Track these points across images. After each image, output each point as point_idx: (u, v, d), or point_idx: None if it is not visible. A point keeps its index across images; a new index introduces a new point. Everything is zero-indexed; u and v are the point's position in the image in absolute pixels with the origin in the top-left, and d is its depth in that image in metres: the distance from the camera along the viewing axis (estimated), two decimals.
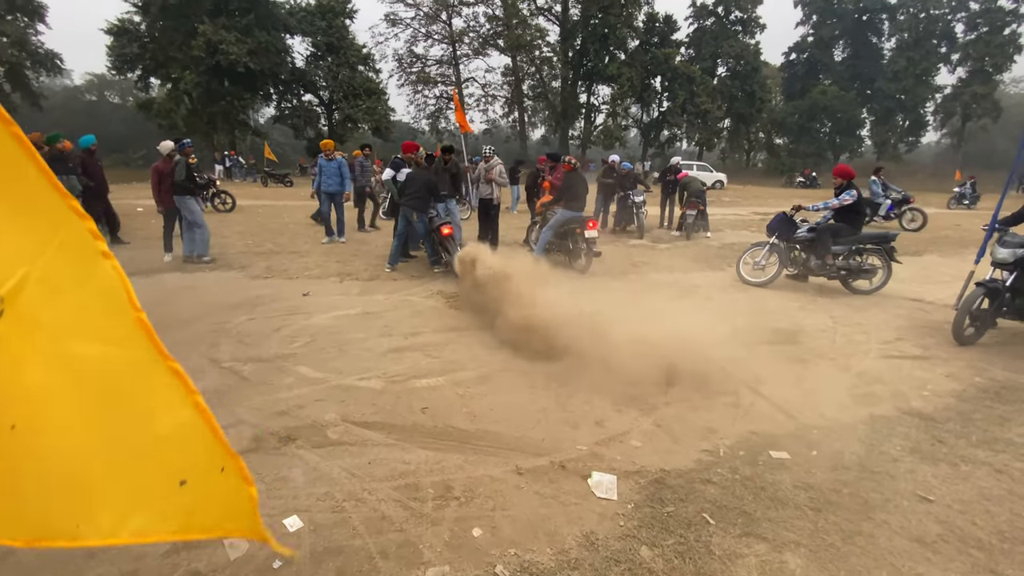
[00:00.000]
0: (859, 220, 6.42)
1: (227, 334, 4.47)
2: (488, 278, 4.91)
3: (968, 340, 4.65)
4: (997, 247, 4.66)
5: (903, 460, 2.70)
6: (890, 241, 6.27)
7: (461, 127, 9.90)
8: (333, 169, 8.64)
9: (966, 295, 4.77)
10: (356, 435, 2.85)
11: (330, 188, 8.67)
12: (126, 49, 29.76)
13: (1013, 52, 37.72)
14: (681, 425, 3.04)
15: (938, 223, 15.12)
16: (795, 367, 4.01)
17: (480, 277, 5.01)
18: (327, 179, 8.63)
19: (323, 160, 8.67)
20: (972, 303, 4.56)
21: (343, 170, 8.71)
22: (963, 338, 4.63)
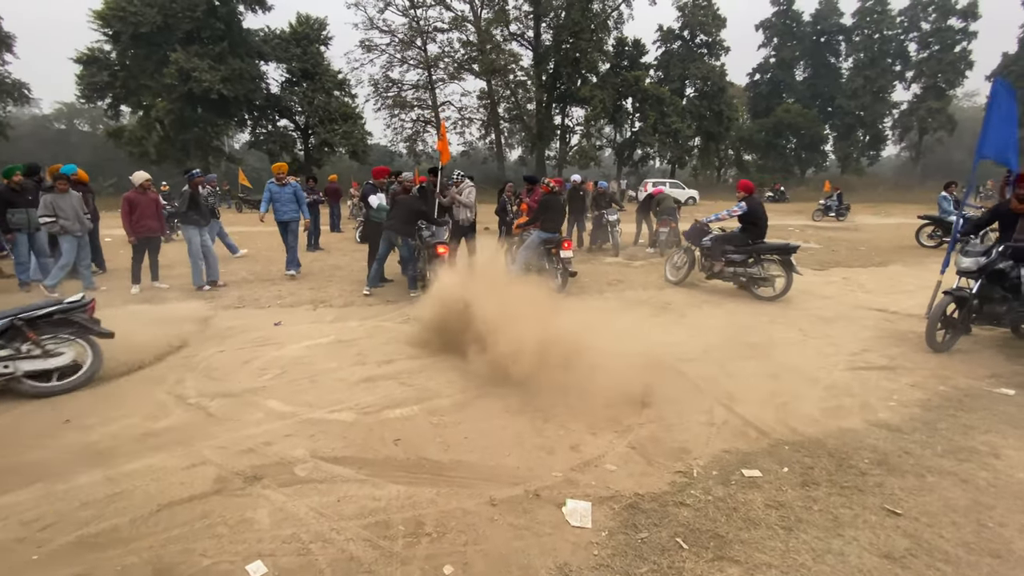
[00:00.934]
0: (756, 230, 6.95)
1: (194, 368, 4.34)
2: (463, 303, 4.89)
3: (943, 347, 4.83)
4: (960, 257, 4.87)
5: (871, 473, 2.74)
6: (791, 252, 6.69)
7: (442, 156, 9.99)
8: (287, 195, 8.07)
9: (935, 304, 4.94)
10: (325, 472, 2.77)
11: (284, 216, 8.08)
12: (96, 78, 29.32)
13: (964, 68, 39.86)
14: (655, 446, 3.04)
15: (901, 232, 15.68)
16: (767, 382, 4.06)
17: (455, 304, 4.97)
18: (280, 206, 8.04)
19: (274, 185, 8.06)
20: (941, 311, 4.75)
21: (298, 195, 8.16)
22: (937, 345, 4.81)
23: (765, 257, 6.91)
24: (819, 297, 7.09)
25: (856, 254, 11.12)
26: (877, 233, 15.71)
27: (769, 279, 6.85)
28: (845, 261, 10.15)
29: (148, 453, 2.97)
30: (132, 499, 2.54)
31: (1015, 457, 2.95)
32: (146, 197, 6.99)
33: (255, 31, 32.30)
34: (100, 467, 2.84)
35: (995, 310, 4.77)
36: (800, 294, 7.19)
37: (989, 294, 4.75)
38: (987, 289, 4.73)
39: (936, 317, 4.76)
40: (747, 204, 6.95)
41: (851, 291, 7.57)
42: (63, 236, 6.98)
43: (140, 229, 6.94)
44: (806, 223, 18.88)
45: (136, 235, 6.95)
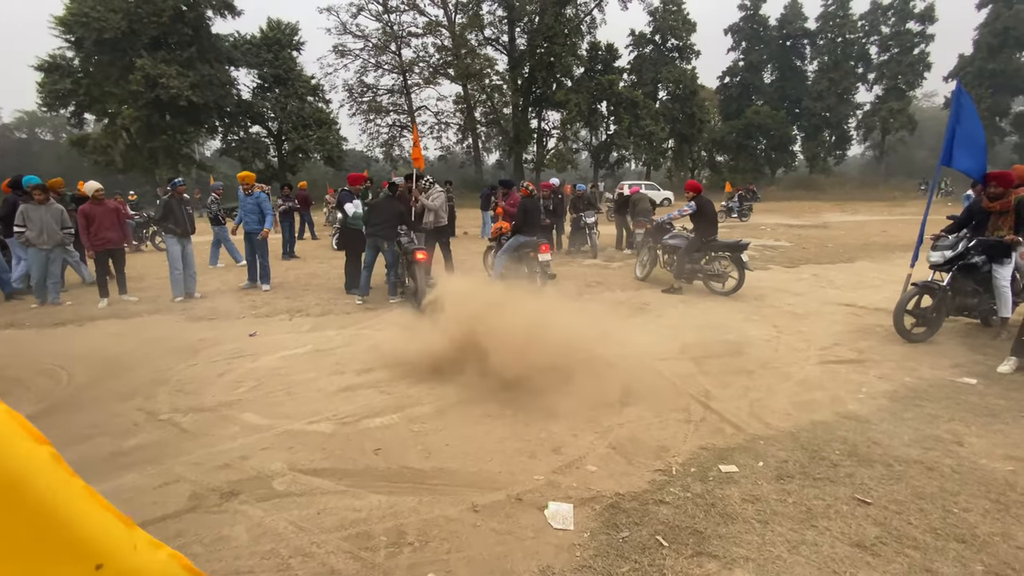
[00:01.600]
0: (706, 226, 7.30)
1: (166, 383, 4.23)
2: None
3: (918, 338, 5.05)
4: (931, 252, 5.16)
5: (842, 464, 2.82)
6: (742, 250, 7.07)
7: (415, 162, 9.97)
8: (251, 205, 7.72)
9: (901, 295, 5.17)
10: (304, 484, 2.73)
11: (248, 227, 7.75)
12: (58, 85, 28.39)
13: (923, 70, 41.42)
14: (635, 446, 3.08)
15: (867, 230, 16.21)
16: (742, 379, 4.15)
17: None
18: (246, 215, 7.73)
19: (241, 194, 7.79)
20: (906, 302, 4.98)
21: (263, 206, 7.78)
22: (910, 336, 5.03)
23: (718, 255, 7.32)
24: (791, 294, 7.28)
25: (825, 251, 11.45)
26: (845, 231, 16.20)
27: (723, 275, 7.25)
28: (815, 258, 10.44)
29: (117, 473, 2.88)
30: None
31: (977, 444, 3.07)
32: (102, 208, 6.73)
33: (225, 36, 31.73)
34: None
35: (967, 302, 5.09)
36: (773, 291, 7.37)
37: (962, 287, 5.04)
38: (959, 282, 5.02)
39: (902, 308, 4.99)
40: (696, 203, 7.30)
41: (821, 287, 7.79)
42: (30, 249, 6.76)
43: (99, 241, 6.69)
44: (777, 221, 19.36)
45: (95, 248, 6.69)
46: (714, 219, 7.46)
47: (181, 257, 7.04)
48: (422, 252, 6.69)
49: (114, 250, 6.96)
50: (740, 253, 7.06)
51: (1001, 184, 4.85)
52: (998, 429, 3.25)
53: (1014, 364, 4.22)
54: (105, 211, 6.76)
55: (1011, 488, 2.61)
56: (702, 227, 7.30)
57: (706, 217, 7.33)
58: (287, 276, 8.99)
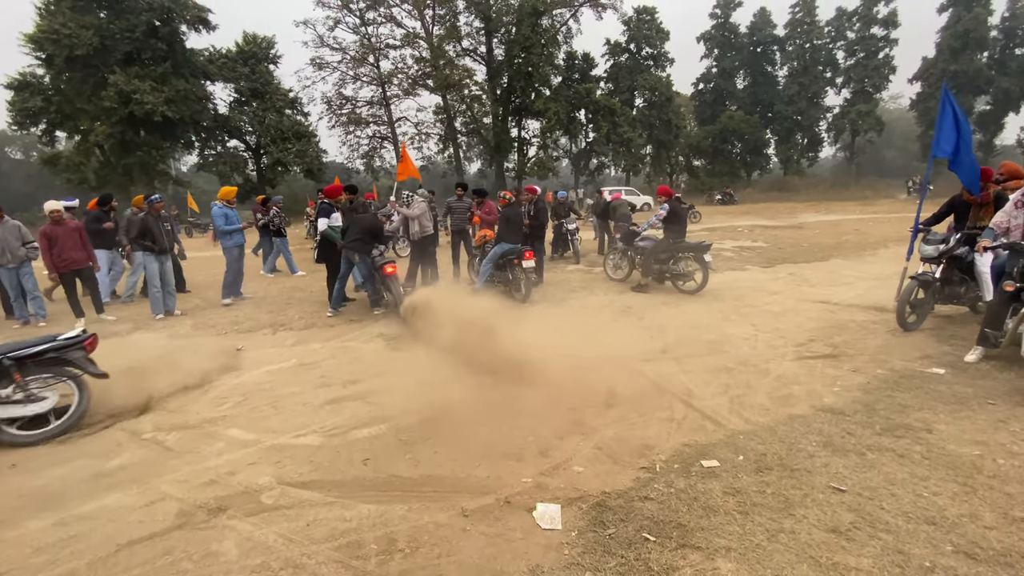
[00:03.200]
0: (677, 230, 7.64)
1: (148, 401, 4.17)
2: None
3: (912, 327, 5.32)
4: (923, 245, 5.42)
5: (818, 455, 2.93)
6: (704, 250, 7.43)
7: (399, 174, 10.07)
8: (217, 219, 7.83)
9: (904, 288, 5.44)
10: (293, 497, 2.73)
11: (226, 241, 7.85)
12: (28, 103, 27.78)
13: (888, 72, 42.82)
14: (620, 445, 3.14)
15: (840, 229, 16.66)
16: (722, 376, 4.26)
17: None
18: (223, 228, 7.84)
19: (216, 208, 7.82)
20: (909, 295, 5.24)
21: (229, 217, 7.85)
22: (907, 325, 5.29)
23: (683, 256, 7.68)
24: (768, 293, 7.46)
25: (800, 251, 11.75)
26: (820, 230, 16.63)
27: (689, 274, 7.65)
28: (791, 258, 10.71)
29: (102, 493, 2.85)
30: (88, 541, 2.43)
31: (946, 431, 3.20)
32: (64, 228, 6.55)
33: (199, 51, 31.45)
34: (51, 511, 2.71)
35: (955, 291, 5.41)
36: (751, 291, 7.55)
37: (949, 276, 5.34)
38: (947, 272, 5.31)
39: (905, 300, 5.25)
40: (669, 206, 7.61)
41: (797, 286, 8.00)
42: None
43: (63, 263, 6.51)
44: (754, 223, 19.79)
45: (59, 269, 6.51)
46: (683, 222, 7.80)
47: (160, 274, 6.95)
48: (391, 265, 6.74)
49: (80, 270, 6.77)
50: (703, 254, 7.43)
51: (981, 179, 5.26)
52: (965, 416, 3.39)
53: (980, 353, 4.40)
54: (66, 231, 6.56)
55: (978, 471, 2.73)
56: (672, 229, 7.63)
57: (677, 220, 7.67)
58: (269, 290, 8.92)
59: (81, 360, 3.81)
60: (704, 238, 8.17)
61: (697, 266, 7.58)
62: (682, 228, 7.75)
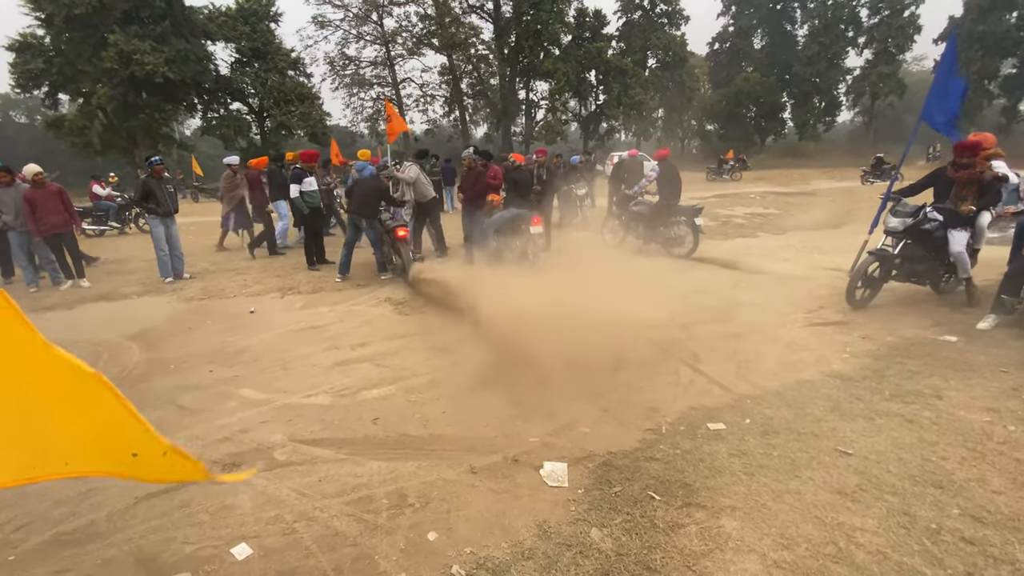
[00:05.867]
0: (670, 192, 7.64)
1: (160, 363, 4.24)
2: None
3: (860, 303, 5.01)
4: (890, 216, 4.98)
5: (826, 419, 2.93)
6: (696, 214, 7.49)
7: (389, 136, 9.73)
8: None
9: (858, 263, 5.09)
10: (305, 454, 2.79)
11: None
12: (30, 65, 27.28)
13: (913, 32, 40.98)
14: (626, 408, 3.16)
15: (854, 196, 16.30)
16: (730, 342, 4.24)
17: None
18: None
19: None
20: (864, 270, 4.92)
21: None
22: (856, 303, 4.97)
23: (677, 219, 7.70)
24: (779, 260, 7.35)
25: (812, 218, 11.52)
26: (833, 197, 16.27)
27: (680, 238, 7.70)
28: (803, 225, 10.53)
29: None
30: (107, 495, 2.51)
31: (956, 397, 3.18)
32: (45, 191, 6.50)
33: (199, 9, 30.55)
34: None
35: (915, 268, 4.98)
36: (761, 258, 7.44)
37: (912, 253, 4.90)
38: (910, 248, 4.87)
39: (857, 276, 4.90)
40: (660, 167, 7.66)
41: (808, 253, 7.88)
42: (9, 233, 6.65)
43: (45, 227, 6.50)
44: (766, 190, 19.40)
45: (42, 233, 6.51)
46: (677, 185, 7.73)
47: (165, 238, 6.95)
48: (403, 229, 6.68)
49: (62, 233, 6.75)
50: (694, 217, 7.45)
51: (969, 154, 4.68)
52: (976, 383, 3.36)
53: (993, 321, 4.33)
54: (47, 195, 6.51)
55: (988, 437, 2.72)
56: (665, 191, 7.62)
57: (669, 182, 7.65)
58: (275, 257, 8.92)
59: None
60: (715, 204, 8.05)
61: (688, 230, 7.59)
62: (675, 192, 7.70)
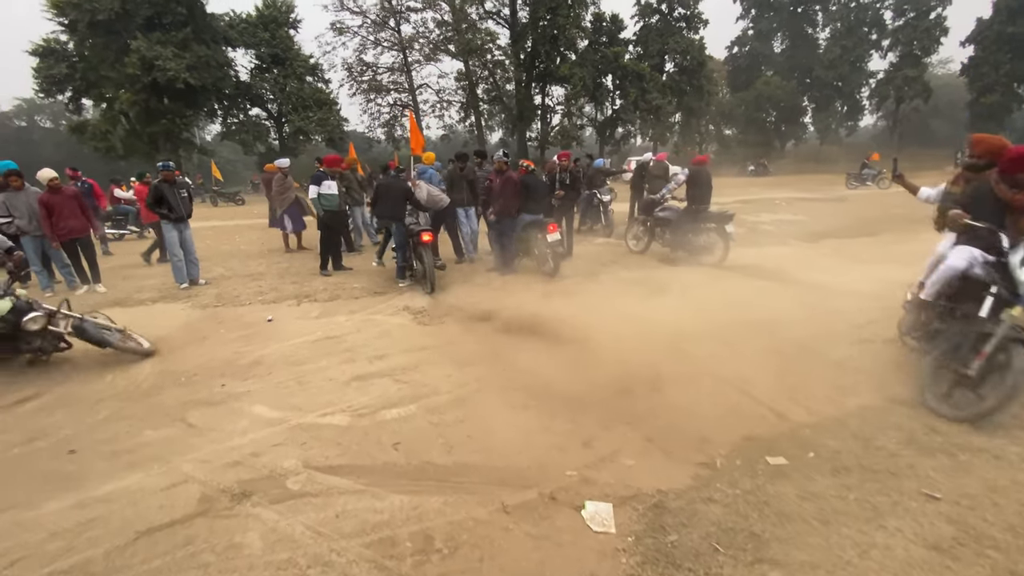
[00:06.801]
0: (698, 197, 7.32)
1: (172, 375, 4.05)
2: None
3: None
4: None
5: (901, 455, 2.61)
6: (727, 221, 7.16)
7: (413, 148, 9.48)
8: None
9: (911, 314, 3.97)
10: (320, 483, 2.55)
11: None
12: (54, 70, 27.88)
13: (939, 35, 39.96)
14: (672, 436, 2.87)
15: (885, 202, 15.77)
16: (776, 360, 3.91)
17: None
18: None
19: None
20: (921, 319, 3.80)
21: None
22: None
23: (706, 226, 7.36)
24: (816, 270, 6.97)
25: (845, 225, 11.07)
26: (863, 203, 15.76)
27: (709, 247, 7.36)
28: (836, 232, 10.09)
29: (122, 473, 2.71)
30: (107, 526, 2.29)
31: None
32: (61, 196, 6.39)
33: (220, 16, 30.95)
34: (70, 491, 2.58)
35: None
36: (797, 267, 7.07)
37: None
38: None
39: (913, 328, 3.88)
40: (689, 171, 7.45)
41: (846, 262, 7.48)
42: (23, 237, 6.56)
43: (62, 231, 6.40)
44: (791, 195, 18.89)
45: (60, 238, 6.41)
46: (706, 190, 7.42)
47: (180, 243, 6.81)
48: (428, 233, 6.44)
49: (79, 239, 6.64)
50: (725, 224, 7.14)
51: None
52: None
53: None
54: (64, 199, 6.41)
55: None
56: (694, 195, 7.34)
57: (698, 186, 7.36)
58: (292, 262, 8.78)
59: None
60: (739, 210, 7.72)
61: (718, 238, 7.27)
62: (705, 196, 7.38)
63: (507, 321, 5.17)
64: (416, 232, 6.45)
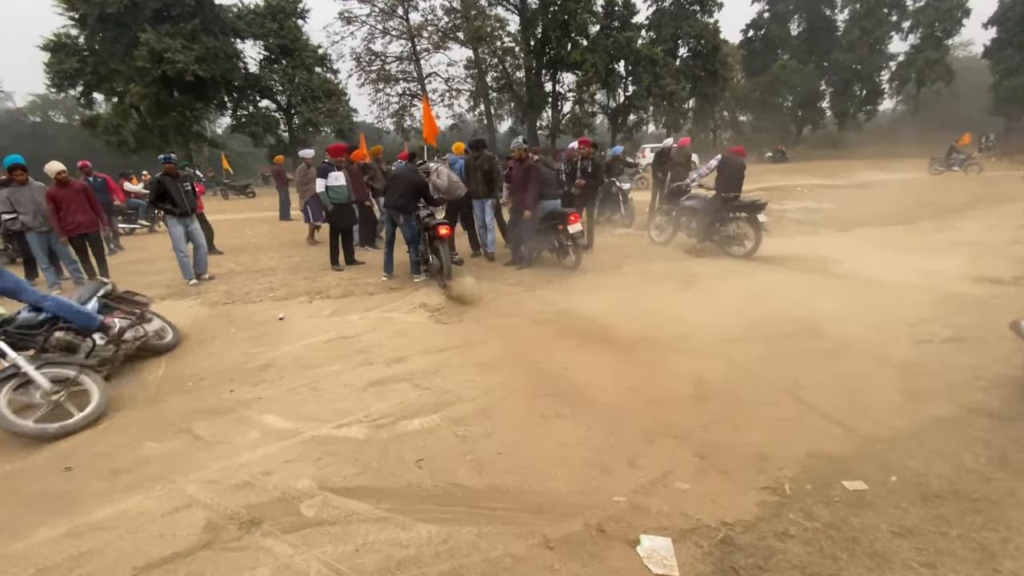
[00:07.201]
0: (728, 185, 6.97)
1: (178, 380, 3.81)
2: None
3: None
4: None
5: (996, 478, 2.28)
6: (758, 210, 6.80)
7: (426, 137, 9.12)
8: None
9: None
10: (338, 508, 2.28)
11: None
12: (64, 64, 27.87)
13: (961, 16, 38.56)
14: (727, 453, 2.56)
15: (914, 188, 15.19)
16: (829, 363, 3.58)
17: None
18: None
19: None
20: None
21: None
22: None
23: (736, 216, 7.05)
24: (854, 260, 6.56)
25: (876, 213, 10.57)
26: (890, 190, 15.17)
27: (739, 237, 7.05)
28: (867, 220, 9.62)
29: (121, 494, 2.47)
30: (101, 560, 2.05)
31: None
32: (69, 190, 6.18)
33: (228, 7, 30.69)
34: (64, 515, 2.34)
35: None
36: (833, 258, 6.67)
37: None
38: None
39: None
40: (721, 156, 7.19)
41: (884, 252, 7.06)
42: (28, 234, 6.38)
43: (70, 226, 6.20)
44: (812, 182, 18.30)
45: (67, 233, 6.21)
46: (737, 177, 7.07)
47: (186, 237, 6.57)
48: (445, 227, 6.15)
49: (87, 234, 6.43)
50: (757, 214, 6.80)
51: None
52: None
53: None
54: (72, 193, 6.19)
55: None
56: (723, 183, 7.01)
57: (728, 174, 7.03)
58: (304, 256, 8.54)
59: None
60: (760, 198, 7.29)
61: (749, 228, 6.93)
62: (736, 184, 7.04)
63: (530, 320, 4.88)
64: (432, 225, 6.16)
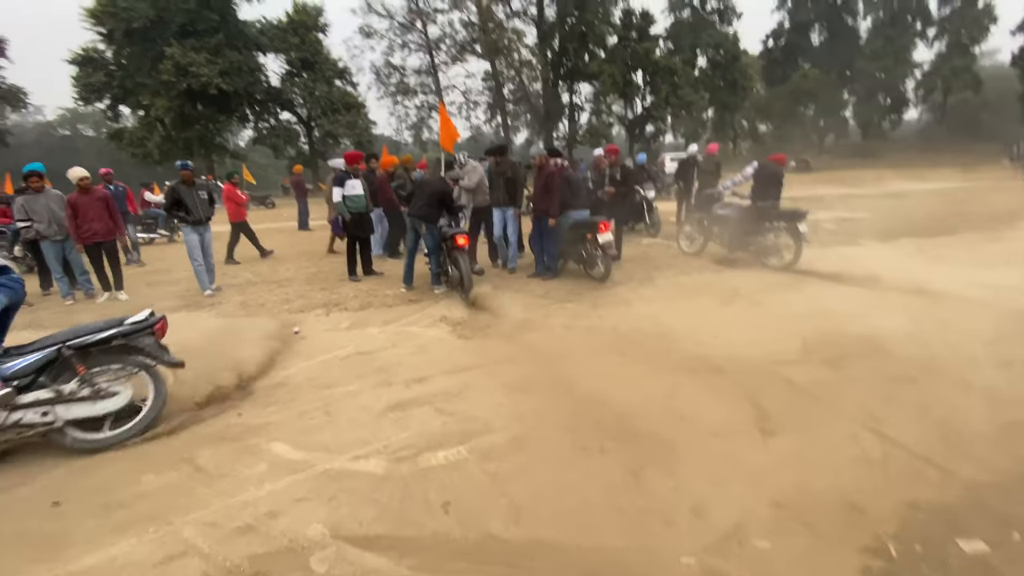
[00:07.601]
0: (764, 192, 6.73)
1: (182, 400, 3.54)
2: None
3: None
4: None
5: None
6: (799, 219, 6.39)
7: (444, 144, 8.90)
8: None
9: None
10: (353, 564, 1.95)
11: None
12: (92, 78, 28.60)
13: (988, 23, 37.71)
14: (808, 502, 2.17)
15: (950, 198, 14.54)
16: (907, 390, 3.17)
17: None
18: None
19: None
20: None
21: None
22: None
23: (774, 225, 6.70)
24: (906, 272, 6.08)
25: (916, 223, 10.02)
26: (925, 199, 14.56)
27: (776, 248, 6.70)
28: (910, 231, 9.09)
29: (112, 536, 2.17)
30: None
31: None
32: (89, 197, 6.08)
33: (251, 22, 31.28)
34: (47, 561, 2.05)
35: None
36: (882, 270, 6.20)
37: None
38: None
39: None
40: (758, 163, 6.96)
41: (936, 264, 6.58)
42: (42, 242, 6.25)
43: (86, 234, 6.08)
44: (841, 191, 17.70)
45: (83, 241, 6.09)
46: (776, 185, 6.78)
47: (200, 246, 6.38)
48: (463, 237, 5.87)
49: (103, 243, 6.29)
50: (798, 223, 6.40)
51: None
52: None
53: None
54: (91, 201, 6.08)
55: None
56: (760, 191, 6.72)
57: (765, 180, 6.80)
58: (320, 266, 8.33)
59: (153, 347, 3.17)
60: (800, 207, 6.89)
61: (789, 238, 6.51)
62: (774, 192, 6.72)
63: (558, 336, 4.54)
64: (450, 235, 5.88)
